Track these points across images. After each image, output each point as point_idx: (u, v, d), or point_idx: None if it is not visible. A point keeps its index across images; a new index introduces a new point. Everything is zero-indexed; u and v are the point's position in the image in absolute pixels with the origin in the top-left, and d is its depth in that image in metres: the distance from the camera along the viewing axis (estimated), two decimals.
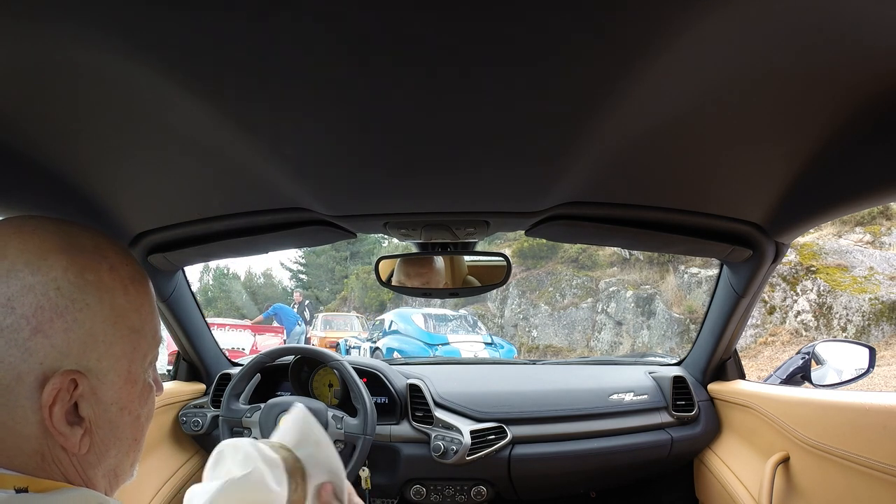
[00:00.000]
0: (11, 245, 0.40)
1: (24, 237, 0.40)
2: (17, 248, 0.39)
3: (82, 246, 0.42)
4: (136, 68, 0.44)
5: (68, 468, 0.41)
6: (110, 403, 0.43)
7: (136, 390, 0.45)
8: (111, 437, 0.44)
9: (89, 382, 0.41)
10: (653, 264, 10.02)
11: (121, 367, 0.43)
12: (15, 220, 0.42)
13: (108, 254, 0.44)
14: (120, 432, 0.44)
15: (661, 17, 0.38)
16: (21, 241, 0.40)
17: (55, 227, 0.43)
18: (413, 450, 1.30)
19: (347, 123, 0.54)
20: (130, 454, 0.47)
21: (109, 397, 0.43)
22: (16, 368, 0.38)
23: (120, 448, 0.45)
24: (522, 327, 11.02)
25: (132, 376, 0.45)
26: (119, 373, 0.43)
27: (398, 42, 0.41)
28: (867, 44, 0.43)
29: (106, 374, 0.42)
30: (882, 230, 8.05)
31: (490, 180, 0.70)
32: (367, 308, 16.10)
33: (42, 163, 0.65)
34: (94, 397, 0.42)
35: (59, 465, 0.41)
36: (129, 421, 0.45)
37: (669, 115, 0.54)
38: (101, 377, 0.42)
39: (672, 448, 1.35)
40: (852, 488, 0.86)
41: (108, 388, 0.43)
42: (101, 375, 0.42)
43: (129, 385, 0.44)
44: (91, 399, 0.41)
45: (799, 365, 1.30)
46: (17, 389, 0.38)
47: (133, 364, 0.45)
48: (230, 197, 0.81)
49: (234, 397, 1.30)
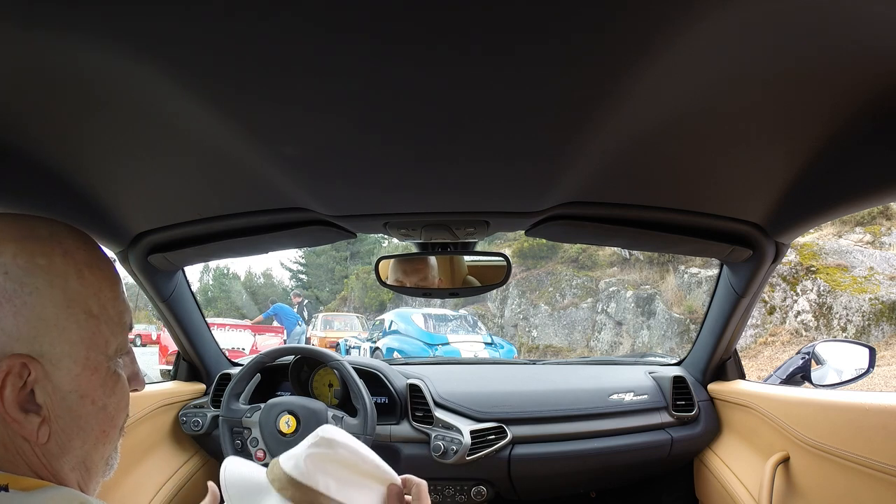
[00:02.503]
0: None
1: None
2: None
3: (37, 234, 0.43)
4: (136, 68, 0.44)
5: (32, 459, 0.41)
6: (68, 391, 0.42)
7: (99, 378, 0.44)
8: (73, 427, 0.43)
9: (42, 368, 0.40)
10: (653, 264, 10.02)
11: (77, 354, 0.42)
12: None
13: (63, 240, 0.44)
14: (83, 422, 0.43)
15: (661, 18, 0.38)
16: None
17: (12, 218, 0.43)
18: (413, 450, 1.30)
19: (347, 123, 0.54)
20: (100, 447, 0.46)
21: (67, 384, 0.42)
22: None
23: (86, 439, 0.44)
24: (522, 327, 11.02)
25: (91, 363, 0.43)
26: (76, 359, 0.42)
27: (398, 42, 0.41)
28: (867, 44, 0.43)
29: (60, 359, 0.41)
30: (882, 230, 8.05)
31: (490, 180, 0.70)
32: (367, 308, 16.10)
33: (42, 163, 0.65)
34: (50, 384, 0.41)
35: (23, 455, 0.40)
36: (92, 411, 0.44)
37: (669, 115, 0.54)
38: (55, 363, 0.41)
39: (672, 448, 1.35)
40: (852, 488, 0.86)
41: (65, 374, 0.42)
42: (55, 361, 0.41)
43: (89, 372, 0.43)
44: (47, 386, 0.41)
45: (799, 365, 1.30)
46: None
47: (92, 351, 0.43)
48: (230, 197, 0.81)
49: (234, 397, 1.30)
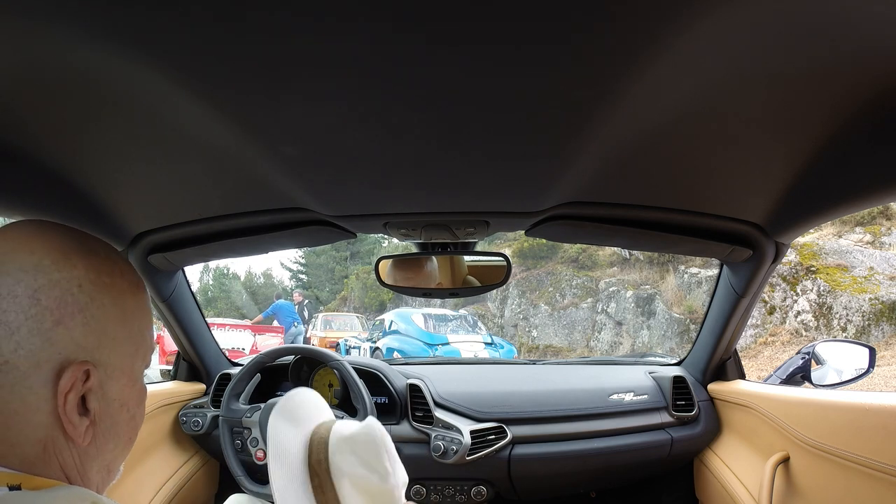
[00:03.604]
0: (36, 243, 0.43)
1: (47, 237, 0.44)
2: (42, 247, 0.43)
3: (97, 250, 0.46)
4: (136, 68, 0.44)
5: (67, 459, 0.43)
6: (113, 399, 0.46)
7: (136, 390, 0.49)
8: (111, 433, 0.46)
9: (99, 376, 0.44)
10: (653, 264, 10.02)
11: (126, 366, 0.46)
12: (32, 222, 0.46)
13: (117, 261, 0.48)
14: (118, 429, 0.47)
15: (661, 18, 0.38)
16: (45, 240, 0.43)
17: (71, 231, 0.46)
18: (413, 450, 1.30)
19: (348, 123, 0.54)
20: (124, 452, 0.50)
21: (114, 393, 0.46)
22: (36, 356, 0.40)
23: (117, 444, 0.48)
24: (522, 327, 11.02)
25: (134, 375, 0.48)
26: (124, 371, 0.46)
27: (397, 41, 0.41)
28: (867, 44, 0.43)
29: (114, 370, 0.45)
30: (882, 230, 8.05)
31: (490, 180, 0.70)
32: (367, 308, 16.10)
33: (42, 163, 0.65)
34: (101, 391, 0.44)
35: (60, 455, 0.43)
36: (126, 419, 0.48)
37: (669, 115, 0.54)
38: (109, 373, 0.45)
39: (672, 448, 1.35)
40: (852, 488, 0.86)
41: (114, 384, 0.45)
42: (109, 371, 0.45)
43: (131, 384, 0.48)
44: (99, 393, 0.44)
45: (799, 365, 1.30)
46: (33, 376, 0.40)
47: (135, 364, 0.48)
48: (230, 197, 0.81)
49: (235, 397, 1.30)
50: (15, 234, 0.43)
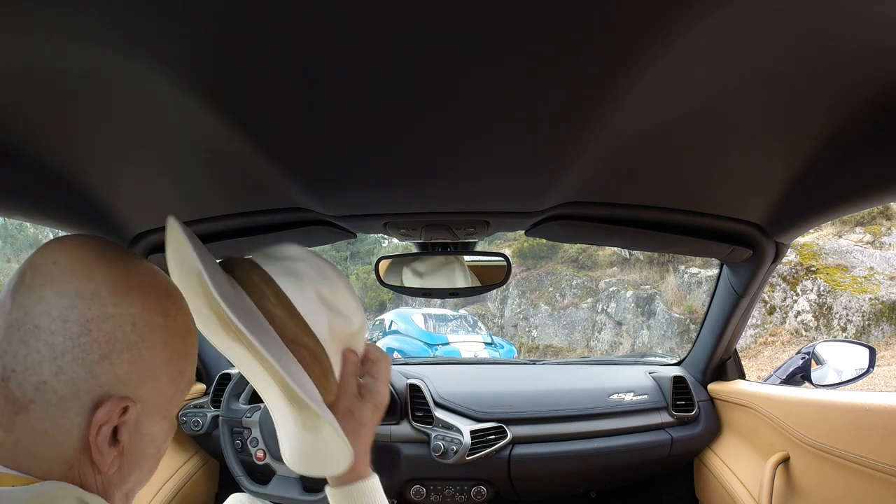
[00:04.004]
0: (98, 270, 0.42)
1: (110, 265, 0.42)
2: (103, 276, 0.41)
3: (160, 288, 0.45)
4: (136, 68, 0.44)
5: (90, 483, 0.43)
6: (144, 434, 0.45)
7: (167, 427, 0.48)
8: (136, 464, 0.46)
9: (136, 412, 0.43)
10: (653, 264, 10.02)
11: (161, 405, 0.46)
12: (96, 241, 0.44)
13: (177, 300, 0.47)
14: (143, 461, 0.47)
15: (660, 18, 0.38)
16: (107, 268, 0.42)
17: (133, 260, 0.45)
18: (413, 450, 1.30)
19: (347, 123, 0.54)
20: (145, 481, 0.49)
21: (146, 429, 0.45)
22: (76, 385, 0.40)
23: (140, 474, 0.47)
24: (522, 327, 11.02)
25: (168, 413, 0.48)
26: (160, 409, 0.46)
27: (398, 41, 0.41)
28: (867, 44, 0.43)
29: (151, 408, 0.45)
30: (882, 230, 8.05)
31: (490, 180, 0.70)
32: (367, 308, 16.09)
33: (42, 163, 0.65)
34: (135, 426, 0.44)
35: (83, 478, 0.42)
36: (152, 453, 0.47)
37: (669, 115, 0.54)
38: (146, 410, 0.44)
39: (672, 448, 1.35)
40: (852, 488, 0.86)
41: (149, 421, 0.45)
42: (147, 409, 0.44)
43: (164, 422, 0.47)
44: (132, 426, 0.44)
45: (799, 365, 1.30)
46: (70, 403, 0.40)
47: (171, 404, 0.47)
48: (230, 197, 0.81)
49: (234, 397, 1.30)
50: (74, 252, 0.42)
